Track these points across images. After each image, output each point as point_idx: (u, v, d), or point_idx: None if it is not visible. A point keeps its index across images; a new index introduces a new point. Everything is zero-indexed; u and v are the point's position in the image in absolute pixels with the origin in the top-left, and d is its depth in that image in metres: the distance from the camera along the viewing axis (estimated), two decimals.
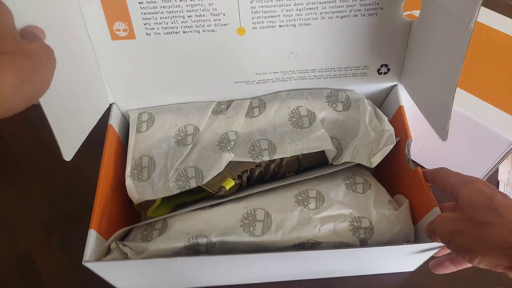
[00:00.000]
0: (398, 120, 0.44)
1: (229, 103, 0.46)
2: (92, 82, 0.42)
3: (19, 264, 0.47)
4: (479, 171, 0.47)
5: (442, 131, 0.36)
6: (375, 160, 0.39)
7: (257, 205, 0.38)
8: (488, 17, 0.51)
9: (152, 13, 0.40)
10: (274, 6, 0.40)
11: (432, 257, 0.39)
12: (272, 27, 0.41)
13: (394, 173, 0.44)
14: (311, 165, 0.46)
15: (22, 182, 0.53)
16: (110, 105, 0.45)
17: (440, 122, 0.37)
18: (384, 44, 0.43)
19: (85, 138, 0.37)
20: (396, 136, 0.42)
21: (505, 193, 0.50)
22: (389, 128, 0.42)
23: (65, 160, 0.44)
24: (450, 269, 0.37)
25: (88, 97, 0.40)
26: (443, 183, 0.36)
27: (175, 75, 0.44)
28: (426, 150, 0.51)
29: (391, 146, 0.40)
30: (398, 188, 0.43)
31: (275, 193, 0.40)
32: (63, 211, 0.51)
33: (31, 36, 0.28)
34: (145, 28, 0.41)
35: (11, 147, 0.56)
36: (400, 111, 0.43)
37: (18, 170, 0.54)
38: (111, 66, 0.43)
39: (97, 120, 0.41)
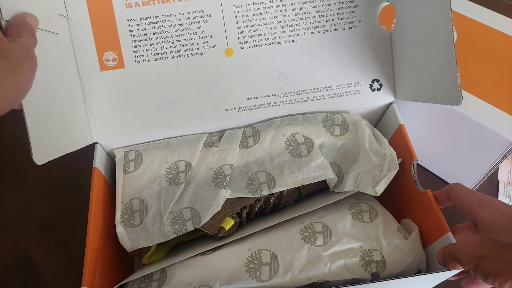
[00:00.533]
0: (399, 140, 0.42)
1: (220, 133, 0.44)
2: (76, 118, 0.40)
3: (18, 263, 0.47)
4: (479, 171, 0.46)
5: (454, 96, 0.34)
6: (380, 189, 0.37)
7: (262, 245, 0.36)
8: (488, 17, 0.50)
9: (142, 40, 0.41)
10: (259, 25, 0.42)
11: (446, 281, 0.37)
12: (259, 46, 0.42)
13: (400, 196, 0.42)
14: (312, 191, 0.44)
15: (22, 182, 0.53)
16: (94, 145, 0.42)
17: (448, 91, 0.35)
18: (370, 57, 0.43)
19: (61, 155, 0.36)
20: (398, 157, 0.41)
21: (505, 193, 0.49)
22: (390, 151, 0.40)
23: (64, 160, 0.46)
24: (484, 285, 0.34)
25: (69, 129, 0.38)
26: (458, 203, 0.34)
27: (164, 106, 0.42)
28: (425, 150, 0.50)
29: (395, 172, 0.38)
30: (405, 211, 0.41)
31: (279, 229, 0.38)
32: (62, 211, 0.51)
33: (17, 31, 0.29)
34: (135, 55, 0.41)
35: (11, 147, 0.56)
36: (400, 130, 0.42)
37: (18, 170, 0.54)
38: (97, 101, 0.41)
39: (75, 149, 0.39)
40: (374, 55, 0.43)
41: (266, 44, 0.42)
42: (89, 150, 0.41)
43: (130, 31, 0.40)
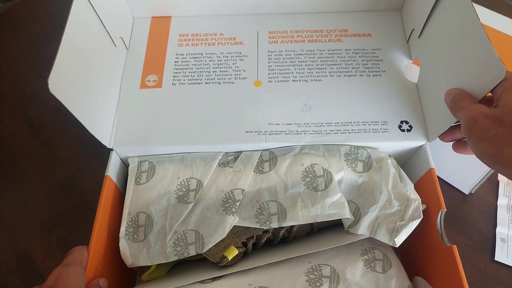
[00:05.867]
0: (426, 185, 0.39)
1: (237, 154, 0.42)
2: (102, 120, 0.41)
3: (19, 263, 0.47)
4: (479, 171, 0.45)
5: None
6: (399, 240, 0.35)
7: (263, 282, 0.34)
8: (488, 17, 0.49)
9: (183, 68, 0.46)
10: (288, 66, 0.46)
11: None
12: (286, 81, 0.45)
13: (419, 246, 0.39)
14: (325, 225, 0.42)
15: (22, 182, 0.53)
16: (110, 151, 0.42)
17: None
18: (397, 101, 0.42)
19: (71, 111, 0.34)
20: (423, 203, 0.38)
21: (505, 193, 0.49)
22: (415, 197, 0.37)
23: (64, 160, 0.51)
24: (470, 153, 0.34)
25: (93, 113, 0.39)
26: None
27: (185, 121, 0.43)
28: None
29: (418, 221, 0.35)
30: (423, 265, 0.38)
31: (284, 266, 0.36)
32: (62, 211, 0.50)
33: None
34: (173, 79, 0.45)
35: (11, 147, 0.56)
36: (430, 175, 0.38)
37: (18, 170, 0.54)
38: (127, 113, 0.44)
39: (83, 123, 0.37)
40: (401, 100, 0.42)
41: (293, 80, 0.44)
42: (89, 150, 0.41)
43: (175, 62, 0.47)
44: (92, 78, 0.39)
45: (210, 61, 0.46)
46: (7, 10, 0.70)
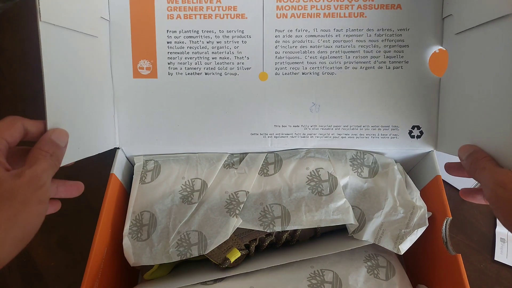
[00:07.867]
0: (433, 192, 0.38)
1: (242, 155, 0.42)
2: (102, 121, 0.39)
3: (19, 263, 0.47)
4: None
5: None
6: (404, 247, 0.34)
7: (265, 286, 0.34)
8: None
9: (178, 53, 0.41)
10: (298, 52, 0.40)
11: None
12: (295, 74, 0.40)
13: (423, 254, 0.38)
14: (329, 230, 0.41)
15: None
16: (115, 150, 0.42)
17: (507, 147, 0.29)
18: (414, 102, 0.39)
19: (78, 159, 0.35)
20: (429, 210, 0.37)
21: None
22: (421, 204, 0.37)
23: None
24: (480, 202, 0.32)
25: (93, 133, 0.37)
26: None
27: (190, 121, 0.41)
28: None
29: (423, 229, 0.35)
30: (427, 273, 0.38)
31: (286, 270, 0.35)
32: (63, 210, 0.52)
33: (33, 157, 0.27)
34: (168, 67, 0.41)
35: None
36: (436, 182, 0.38)
37: None
38: (125, 107, 0.41)
39: (92, 155, 0.37)
40: (418, 100, 0.39)
41: (303, 73, 0.40)
42: None
43: (167, 42, 0.41)
44: (85, 95, 0.36)
45: (208, 42, 0.40)
46: (7, 10, 0.70)
